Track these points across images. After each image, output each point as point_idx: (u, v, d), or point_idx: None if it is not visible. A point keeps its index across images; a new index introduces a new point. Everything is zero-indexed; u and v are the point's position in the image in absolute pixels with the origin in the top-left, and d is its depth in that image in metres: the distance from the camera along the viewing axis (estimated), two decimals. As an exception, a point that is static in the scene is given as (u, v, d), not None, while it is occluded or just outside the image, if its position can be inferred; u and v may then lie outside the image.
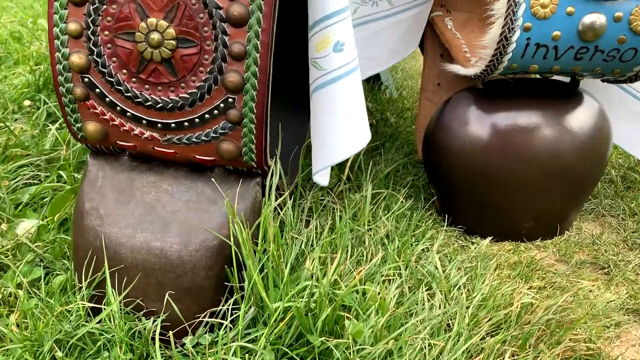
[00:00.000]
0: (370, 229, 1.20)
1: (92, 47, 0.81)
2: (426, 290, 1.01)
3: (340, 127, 0.96)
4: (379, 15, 1.30)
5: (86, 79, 0.83)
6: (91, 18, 0.80)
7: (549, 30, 1.12)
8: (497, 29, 1.12)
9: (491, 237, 1.35)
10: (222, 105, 0.83)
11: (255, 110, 0.82)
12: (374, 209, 1.29)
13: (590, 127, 1.31)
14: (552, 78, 1.37)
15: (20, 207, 1.17)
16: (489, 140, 1.30)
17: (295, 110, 1.39)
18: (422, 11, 1.41)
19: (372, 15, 1.29)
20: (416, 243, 1.23)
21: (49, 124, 1.45)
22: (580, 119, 1.30)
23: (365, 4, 1.25)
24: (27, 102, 1.56)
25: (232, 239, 0.87)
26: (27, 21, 2.53)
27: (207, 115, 0.84)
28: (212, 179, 0.91)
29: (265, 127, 0.84)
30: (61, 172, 1.21)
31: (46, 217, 1.12)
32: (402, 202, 1.31)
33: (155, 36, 0.79)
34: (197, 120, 0.85)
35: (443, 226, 1.38)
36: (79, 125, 0.89)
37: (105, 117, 0.87)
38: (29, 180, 1.25)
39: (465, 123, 1.32)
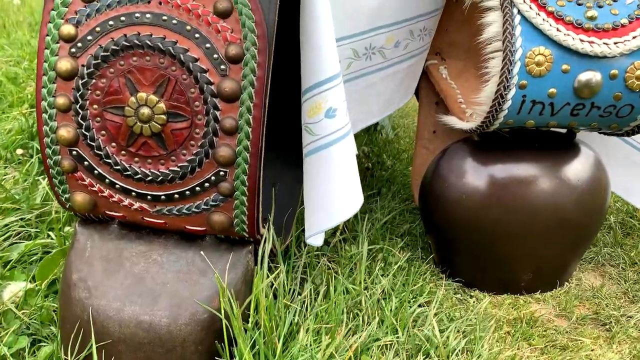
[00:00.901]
0: (367, 288, 1.17)
1: (80, 120, 0.80)
2: (424, 358, 0.98)
3: (332, 192, 0.95)
4: (373, 69, 1.29)
5: (74, 152, 0.82)
6: (80, 92, 0.79)
7: (545, 88, 1.11)
8: (493, 86, 1.12)
9: (490, 293, 1.33)
10: (213, 178, 0.81)
11: (247, 183, 0.81)
12: (370, 264, 1.26)
13: (588, 178, 1.29)
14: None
15: (8, 266, 1.15)
16: (486, 192, 1.28)
17: (290, 161, 1.37)
18: (416, 62, 1.41)
19: (366, 69, 1.28)
20: (414, 300, 1.21)
21: (40, 176, 1.43)
22: (577, 170, 1.29)
23: (358, 58, 1.25)
24: (19, 151, 1.54)
25: (222, 312, 0.85)
26: (24, 60, 2.54)
27: (197, 188, 0.82)
28: (203, 250, 0.89)
29: (257, 199, 0.83)
30: (50, 233, 1.18)
31: (34, 280, 1.09)
32: (399, 256, 1.29)
33: (145, 111, 0.78)
34: (187, 192, 0.83)
35: (441, 278, 1.35)
36: (67, 195, 0.87)
37: (94, 188, 0.85)
38: (18, 239, 1.23)
39: (462, 175, 1.31)
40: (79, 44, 0.78)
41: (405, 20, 1.29)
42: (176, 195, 0.83)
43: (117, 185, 0.84)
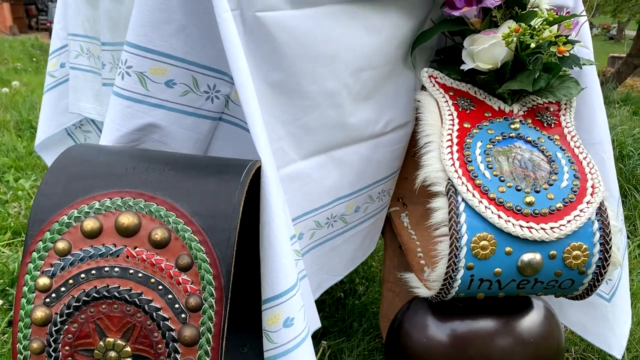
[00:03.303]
0: None
1: (53, 361, 0.87)
2: None
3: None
4: (335, 234, 1.39)
5: (47, 387, 0.88)
6: (53, 338, 0.86)
7: (491, 268, 1.20)
8: (442, 268, 1.21)
9: None
10: (175, 410, 0.88)
11: (207, 415, 0.87)
12: None
13: (540, 334, 1.37)
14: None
15: None
16: (446, 349, 1.36)
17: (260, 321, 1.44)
18: (377, 219, 1.50)
19: (329, 235, 1.37)
20: None
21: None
22: (530, 327, 1.37)
23: (321, 227, 1.34)
24: None
25: None
26: (10, 168, 2.63)
27: (161, 417, 0.89)
28: None
29: None
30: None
31: None
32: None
33: (112, 355, 0.85)
34: (152, 420, 0.89)
35: None
36: (40, 419, 0.93)
37: (65, 415, 0.91)
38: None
39: (424, 331, 1.38)
40: (53, 295, 0.86)
41: (364, 188, 1.39)
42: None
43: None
